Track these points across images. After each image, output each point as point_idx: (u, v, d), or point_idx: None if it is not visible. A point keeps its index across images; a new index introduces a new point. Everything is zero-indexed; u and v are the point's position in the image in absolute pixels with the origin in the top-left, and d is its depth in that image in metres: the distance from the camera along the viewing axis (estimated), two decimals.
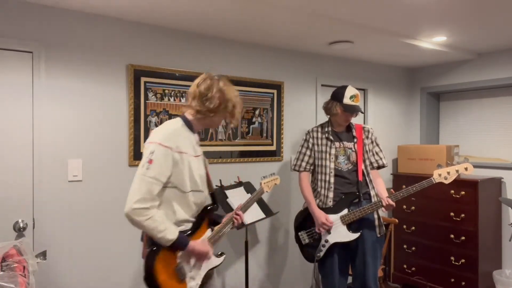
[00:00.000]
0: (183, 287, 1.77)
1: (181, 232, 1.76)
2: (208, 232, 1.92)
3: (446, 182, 2.45)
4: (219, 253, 2.02)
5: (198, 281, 1.86)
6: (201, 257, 1.83)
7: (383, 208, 2.56)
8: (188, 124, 1.83)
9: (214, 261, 1.94)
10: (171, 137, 1.72)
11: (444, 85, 4.24)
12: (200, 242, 1.83)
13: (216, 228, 1.95)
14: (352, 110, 2.69)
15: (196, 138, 1.87)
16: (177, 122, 1.81)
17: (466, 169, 2.43)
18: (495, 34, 3.21)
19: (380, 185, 2.74)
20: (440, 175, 2.46)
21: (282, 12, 2.59)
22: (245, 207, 2.08)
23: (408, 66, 4.45)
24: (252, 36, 3.15)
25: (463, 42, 3.50)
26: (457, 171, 2.44)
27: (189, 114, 1.85)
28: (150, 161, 1.65)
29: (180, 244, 1.73)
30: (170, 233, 1.69)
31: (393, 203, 2.53)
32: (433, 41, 3.43)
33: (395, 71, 4.45)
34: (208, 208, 1.93)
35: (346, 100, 2.68)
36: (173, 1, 2.39)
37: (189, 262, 1.82)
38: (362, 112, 2.73)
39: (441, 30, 3.09)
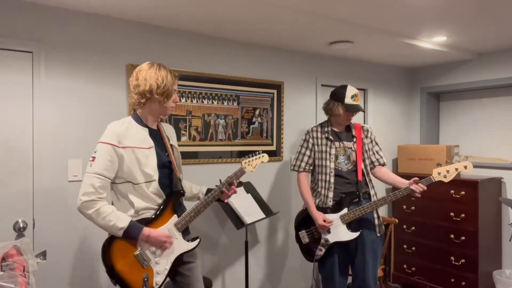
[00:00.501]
0: (147, 273, 1.80)
1: (137, 221, 1.82)
2: (174, 218, 1.94)
3: (446, 180, 2.45)
4: (192, 237, 2.01)
5: (166, 265, 1.88)
6: (158, 244, 1.85)
7: (418, 193, 2.47)
8: (136, 118, 1.93)
9: (184, 246, 1.95)
10: (113, 135, 1.82)
11: (444, 85, 4.24)
12: (156, 230, 1.85)
13: (185, 213, 1.96)
14: (354, 110, 2.69)
15: (146, 131, 1.92)
16: (123, 120, 1.92)
17: (465, 167, 2.42)
18: (495, 34, 3.21)
19: (396, 176, 2.72)
20: (439, 173, 2.45)
21: (282, 12, 2.59)
22: (235, 176, 2.06)
23: (408, 66, 4.44)
24: (252, 36, 3.15)
25: (463, 42, 3.50)
26: (456, 169, 2.43)
27: (138, 110, 1.96)
28: (93, 159, 1.80)
29: (132, 232, 1.79)
30: (120, 222, 1.77)
31: (424, 186, 2.45)
32: (433, 41, 3.43)
33: (395, 71, 4.45)
34: (170, 194, 1.95)
35: (348, 100, 2.68)
36: (173, 1, 2.39)
37: (151, 249, 1.86)
38: (363, 111, 2.74)
39: (441, 30, 3.09)
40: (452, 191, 3.65)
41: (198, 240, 2.01)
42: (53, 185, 2.48)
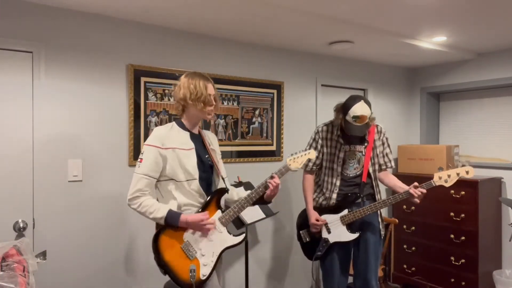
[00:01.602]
0: (194, 264, 1.92)
1: (173, 210, 1.94)
2: (218, 213, 2.04)
3: (447, 185, 2.43)
4: (237, 233, 2.09)
5: (212, 257, 1.99)
6: (197, 226, 1.93)
7: (416, 198, 2.42)
8: (179, 123, 2.08)
9: (229, 240, 2.04)
10: (157, 138, 1.97)
11: (444, 85, 4.24)
12: (192, 214, 1.95)
13: (230, 208, 2.05)
14: (351, 132, 2.54)
15: (187, 134, 2.06)
16: (167, 125, 2.08)
17: (467, 172, 2.41)
18: (495, 34, 3.21)
19: (397, 180, 2.67)
20: (440, 178, 2.44)
21: (282, 12, 2.59)
22: (279, 172, 2.14)
23: (408, 66, 4.44)
24: (252, 36, 3.15)
25: (463, 42, 3.50)
26: (458, 174, 2.41)
27: (180, 115, 2.12)
28: (141, 160, 1.97)
29: (172, 220, 1.91)
30: (159, 212, 1.91)
31: (424, 190, 2.41)
32: (433, 41, 3.43)
33: (395, 71, 4.45)
34: (215, 191, 2.07)
35: (348, 118, 2.50)
36: (173, 1, 2.39)
37: (197, 241, 1.96)
38: (361, 135, 2.56)
39: (441, 30, 3.09)
40: (452, 191, 3.65)
41: (244, 235, 2.08)
42: (53, 185, 2.48)
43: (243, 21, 2.77)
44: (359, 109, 2.47)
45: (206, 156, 2.09)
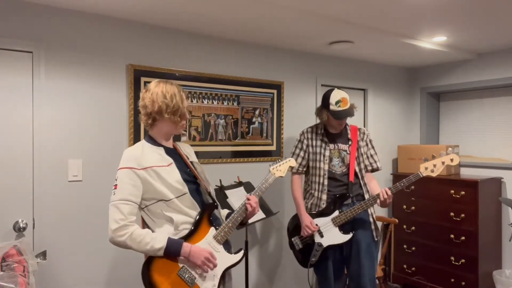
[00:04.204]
0: None
1: (173, 238, 1.73)
2: (212, 231, 1.84)
3: (433, 175, 2.45)
4: (236, 250, 1.92)
5: (214, 281, 1.79)
6: (200, 260, 1.73)
7: (378, 202, 2.50)
8: (149, 139, 1.88)
9: (229, 259, 1.86)
10: (130, 159, 1.76)
11: (444, 85, 4.24)
12: (197, 247, 1.75)
13: (223, 224, 1.88)
14: (340, 117, 2.59)
15: (161, 149, 1.86)
16: (137, 144, 1.87)
17: (451, 160, 2.43)
18: (495, 34, 3.21)
19: (375, 186, 2.70)
20: (426, 168, 2.46)
21: (282, 12, 2.59)
22: (256, 192, 2.00)
23: (408, 66, 4.45)
24: (252, 36, 3.15)
25: (463, 42, 3.50)
26: (443, 162, 2.44)
27: (150, 131, 1.90)
28: (115, 186, 1.74)
29: (173, 249, 1.71)
30: (158, 242, 1.69)
31: (391, 194, 2.46)
32: (433, 41, 3.43)
33: (395, 71, 4.45)
34: (203, 207, 1.87)
35: (332, 107, 2.58)
36: (173, 1, 2.39)
37: (194, 264, 1.75)
38: (351, 116, 2.61)
39: (441, 30, 3.09)
40: (452, 191, 3.65)
41: (243, 252, 1.90)
42: (53, 185, 2.48)
43: (243, 21, 2.77)
44: (337, 94, 2.61)
45: (188, 170, 1.90)
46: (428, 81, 4.40)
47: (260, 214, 2.95)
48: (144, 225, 1.87)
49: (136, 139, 2.76)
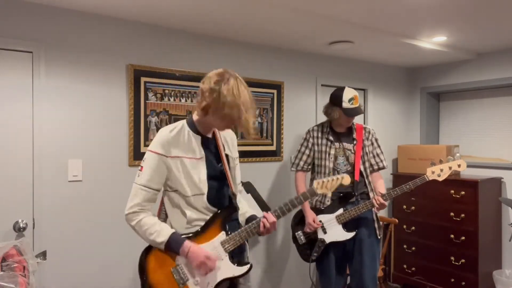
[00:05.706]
0: None
1: (177, 235, 1.68)
2: (221, 236, 1.73)
3: (440, 179, 2.46)
4: (244, 261, 1.81)
5: None
6: (195, 263, 1.66)
7: (375, 208, 2.54)
8: (191, 125, 1.76)
9: (230, 270, 1.72)
10: (162, 144, 1.68)
11: (444, 85, 4.24)
12: (197, 246, 1.68)
13: (236, 232, 1.75)
14: (353, 114, 2.66)
15: (198, 138, 1.75)
16: (175, 125, 1.75)
17: (459, 166, 2.43)
18: (495, 34, 3.21)
19: (381, 186, 2.73)
20: (433, 172, 2.47)
21: (282, 12, 2.59)
22: (279, 211, 1.87)
23: (408, 66, 4.45)
24: (252, 36, 3.15)
25: (463, 42, 3.50)
26: (450, 168, 2.44)
27: (195, 114, 1.76)
28: (141, 168, 1.70)
29: (174, 246, 1.67)
30: (160, 236, 1.67)
31: (384, 202, 2.50)
32: (433, 41, 3.43)
33: (395, 71, 4.45)
34: (222, 210, 1.77)
35: (346, 104, 2.64)
36: (173, 1, 2.39)
37: (191, 266, 1.69)
38: (362, 113, 2.71)
39: (441, 30, 3.09)
40: (452, 191, 3.65)
41: (249, 266, 1.75)
42: (53, 185, 2.48)
43: (243, 21, 2.77)
44: (349, 91, 2.68)
45: (219, 165, 1.79)
46: (428, 81, 4.40)
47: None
48: (162, 206, 1.84)
49: (136, 139, 2.76)
